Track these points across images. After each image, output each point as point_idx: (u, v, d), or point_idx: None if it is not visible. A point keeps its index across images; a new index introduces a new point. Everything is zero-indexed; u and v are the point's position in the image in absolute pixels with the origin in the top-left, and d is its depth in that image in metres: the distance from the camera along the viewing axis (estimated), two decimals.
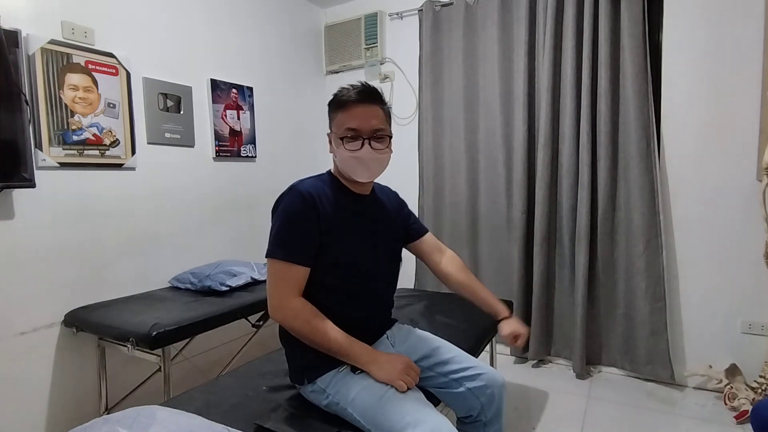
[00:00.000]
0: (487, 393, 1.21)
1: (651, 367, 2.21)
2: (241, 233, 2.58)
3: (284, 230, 1.09)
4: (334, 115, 1.16)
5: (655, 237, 2.16)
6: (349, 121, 1.12)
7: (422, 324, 1.67)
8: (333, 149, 1.18)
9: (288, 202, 1.11)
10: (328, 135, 1.20)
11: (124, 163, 2.01)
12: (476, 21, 2.59)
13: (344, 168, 1.16)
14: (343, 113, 1.13)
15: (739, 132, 2.01)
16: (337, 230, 1.12)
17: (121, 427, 0.84)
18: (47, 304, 1.77)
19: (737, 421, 1.89)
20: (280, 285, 1.08)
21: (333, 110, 1.16)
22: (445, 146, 2.75)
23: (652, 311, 2.18)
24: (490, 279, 2.63)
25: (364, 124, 1.12)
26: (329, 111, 1.18)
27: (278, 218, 1.11)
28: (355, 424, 1.06)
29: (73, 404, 1.86)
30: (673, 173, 2.18)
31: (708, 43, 2.05)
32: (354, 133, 1.11)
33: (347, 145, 1.12)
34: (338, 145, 1.14)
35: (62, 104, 1.78)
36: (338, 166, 1.18)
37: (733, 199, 2.05)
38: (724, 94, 2.04)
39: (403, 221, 1.37)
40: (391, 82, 2.96)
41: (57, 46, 1.76)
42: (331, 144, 1.18)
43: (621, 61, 2.19)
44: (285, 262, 1.08)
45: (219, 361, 2.22)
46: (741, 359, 2.06)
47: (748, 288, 2.05)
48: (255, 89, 2.67)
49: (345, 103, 1.12)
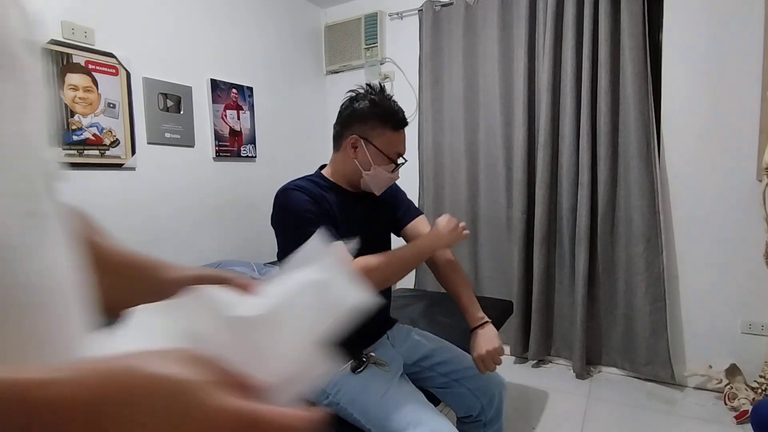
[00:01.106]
0: (487, 393, 1.22)
1: (651, 367, 2.21)
2: (241, 233, 2.58)
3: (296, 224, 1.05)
4: (383, 131, 1.12)
5: (655, 237, 2.16)
6: (400, 145, 1.16)
7: (422, 324, 1.67)
8: (363, 159, 1.12)
9: (286, 199, 1.09)
10: (357, 140, 1.12)
11: (124, 163, 2.01)
12: (476, 21, 2.59)
13: (372, 183, 1.16)
14: (395, 135, 1.14)
15: (739, 132, 2.01)
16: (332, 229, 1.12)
17: None
18: None
19: (737, 421, 1.88)
20: None
21: (383, 125, 1.12)
22: (445, 146, 2.75)
23: (652, 311, 2.18)
24: (490, 279, 2.63)
25: (404, 151, 1.18)
26: (371, 119, 1.12)
27: (282, 217, 1.08)
28: (355, 424, 1.06)
29: None
30: (673, 173, 2.18)
31: (708, 42, 2.05)
32: (400, 158, 1.16)
33: (392, 168, 1.15)
34: (381, 163, 1.13)
35: (62, 104, 1.78)
36: (364, 178, 1.15)
37: (733, 199, 2.05)
38: (724, 94, 2.04)
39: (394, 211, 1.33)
40: (391, 82, 2.96)
41: (57, 46, 1.76)
42: (358, 150, 1.13)
43: (621, 61, 2.19)
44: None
45: None
46: (741, 359, 2.06)
47: (748, 288, 2.05)
48: (255, 89, 2.67)
49: (398, 126, 1.14)
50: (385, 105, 1.12)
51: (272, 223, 1.13)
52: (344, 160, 1.16)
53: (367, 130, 1.12)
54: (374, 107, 1.12)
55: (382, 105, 1.12)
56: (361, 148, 1.13)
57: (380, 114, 1.12)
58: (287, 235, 1.08)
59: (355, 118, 1.14)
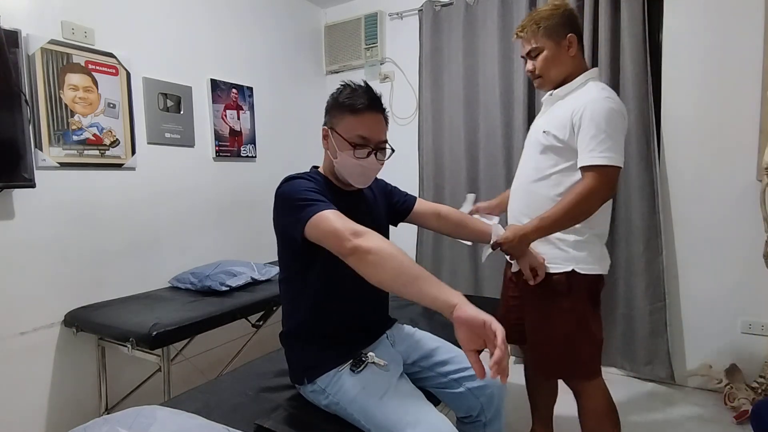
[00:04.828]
0: (487, 393, 1.21)
1: (651, 367, 2.21)
2: (241, 233, 2.58)
3: (301, 199, 1.04)
4: (342, 116, 1.11)
5: (655, 237, 2.16)
6: (360, 128, 1.10)
7: (422, 324, 1.66)
8: (332, 148, 1.14)
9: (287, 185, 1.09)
10: (326, 130, 1.15)
11: (124, 163, 2.01)
12: (476, 21, 2.59)
13: (344, 172, 1.14)
14: (355, 118, 1.10)
15: (739, 132, 2.01)
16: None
17: (121, 427, 0.84)
18: (47, 304, 1.77)
19: (737, 421, 1.89)
20: (338, 221, 0.97)
21: (341, 111, 1.12)
22: (445, 146, 2.75)
23: (652, 311, 2.18)
24: (490, 279, 2.63)
25: (374, 135, 1.11)
26: (334, 108, 1.13)
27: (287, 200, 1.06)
28: (355, 424, 1.06)
29: (73, 404, 1.86)
30: (673, 173, 2.18)
31: (708, 43, 2.05)
32: (364, 141, 1.10)
33: (356, 152, 1.10)
34: (344, 148, 1.11)
35: (62, 104, 1.78)
36: (336, 168, 1.16)
37: (733, 199, 2.05)
38: (724, 94, 2.04)
39: (389, 204, 1.36)
40: (391, 82, 2.96)
41: (57, 46, 1.76)
42: (328, 141, 1.15)
43: (621, 61, 2.19)
44: (324, 211, 0.99)
45: (219, 361, 2.22)
46: (741, 359, 2.06)
47: (748, 288, 2.05)
48: (255, 89, 2.67)
49: (357, 109, 1.09)
50: (347, 92, 1.12)
51: (275, 220, 1.13)
52: (325, 155, 1.19)
53: (332, 119, 1.14)
54: (338, 95, 1.13)
55: (344, 92, 1.12)
56: (329, 137, 1.14)
57: (341, 101, 1.12)
58: (291, 213, 1.03)
59: (326, 112, 1.16)
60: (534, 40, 1.36)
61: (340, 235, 0.94)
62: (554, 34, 1.34)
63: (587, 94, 1.31)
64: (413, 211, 1.40)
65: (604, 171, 1.25)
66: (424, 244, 2.87)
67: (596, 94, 1.29)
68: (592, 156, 1.25)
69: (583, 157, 1.27)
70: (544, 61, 1.36)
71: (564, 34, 1.35)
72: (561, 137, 1.31)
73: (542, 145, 1.37)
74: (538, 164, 1.39)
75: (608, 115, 1.25)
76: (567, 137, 1.30)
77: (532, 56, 1.39)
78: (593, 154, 1.25)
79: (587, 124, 1.26)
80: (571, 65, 1.37)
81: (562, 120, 1.31)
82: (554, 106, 1.39)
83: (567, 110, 1.31)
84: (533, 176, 1.40)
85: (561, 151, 1.33)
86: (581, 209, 1.28)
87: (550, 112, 1.40)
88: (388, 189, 1.40)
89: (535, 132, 1.43)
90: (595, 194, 1.26)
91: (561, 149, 1.33)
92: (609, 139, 1.24)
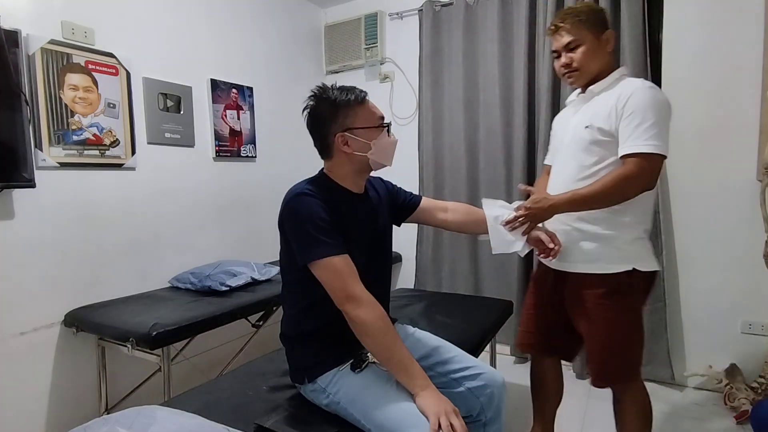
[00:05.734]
0: (487, 393, 1.21)
1: (651, 367, 2.20)
2: (241, 233, 2.58)
3: (313, 230, 1.06)
4: (354, 112, 1.14)
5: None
6: (375, 111, 1.18)
7: (422, 324, 1.67)
8: (358, 145, 1.14)
9: (301, 204, 1.09)
10: (343, 136, 1.14)
11: (124, 163, 2.01)
12: (476, 21, 2.59)
13: (383, 157, 1.19)
14: (365, 107, 1.16)
15: (739, 132, 2.01)
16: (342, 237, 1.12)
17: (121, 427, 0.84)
18: (47, 304, 1.77)
19: (737, 421, 1.88)
20: (339, 277, 1.05)
21: (350, 109, 1.14)
22: (445, 146, 2.75)
23: (652, 311, 2.17)
24: (490, 279, 2.63)
25: (382, 113, 1.21)
26: (338, 112, 1.14)
27: (299, 223, 1.08)
28: (356, 424, 1.06)
29: (73, 404, 1.86)
30: (673, 173, 2.18)
31: (708, 43, 2.05)
32: (382, 121, 1.18)
33: (383, 132, 1.18)
34: (373, 136, 1.16)
35: (62, 104, 1.78)
36: (373, 159, 1.17)
37: (733, 199, 2.05)
38: (723, 94, 2.04)
39: (393, 205, 1.36)
40: (391, 82, 2.96)
41: (57, 46, 1.76)
42: (350, 143, 1.14)
43: (621, 61, 2.18)
44: (332, 257, 1.05)
45: (219, 361, 2.22)
46: (741, 359, 2.06)
47: (748, 288, 2.05)
48: (255, 89, 2.67)
49: (362, 99, 1.16)
50: (336, 94, 1.16)
51: (281, 226, 1.13)
52: (343, 161, 1.17)
53: (345, 120, 1.15)
54: (333, 101, 1.15)
55: (335, 96, 1.16)
56: (350, 139, 1.15)
57: (341, 102, 1.15)
58: (300, 240, 1.08)
59: (327, 123, 1.16)
60: (575, 32, 1.34)
61: (335, 293, 1.06)
62: (594, 29, 1.34)
63: (631, 84, 1.29)
64: (420, 207, 1.41)
65: (648, 158, 1.21)
66: (424, 243, 2.87)
67: (641, 84, 1.28)
68: (635, 144, 1.22)
69: (625, 145, 1.24)
70: (584, 54, 1.34)
71: (603, 29, 1.35)
72: (606, 128, 1.29)
73: (585, 140, 1.34)
74: (581, 162, 1.35)
75: (654, 103, 1.24)
76: (612, 127, 1.28)
77: (570, 48, 1.35)
78: (637, 142, 1.22)
79: (632, 113, 1.24)
80: (605, 61, 1.37)
81: (606, 110, 1.29)
82: (590, 102, 1.38)
83: (609, 101, 1.30)
84: (577, 175, 1.35)
85: (607, 144, 1.30)
86: (620, 191, 1.25)
87: (586, 109, 1.38)
88: (392, 189, 1.40)
89: (574, 130, 1.39)
90: (636, 179, 1.23)
91: (606, 143, 1.30)
92: (655, 126, 1.22)
